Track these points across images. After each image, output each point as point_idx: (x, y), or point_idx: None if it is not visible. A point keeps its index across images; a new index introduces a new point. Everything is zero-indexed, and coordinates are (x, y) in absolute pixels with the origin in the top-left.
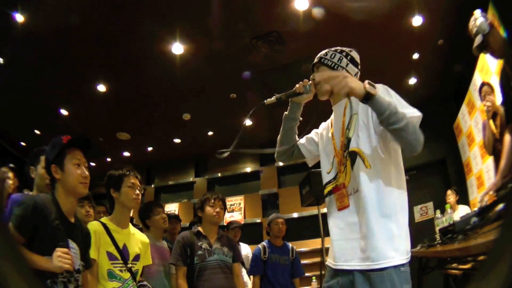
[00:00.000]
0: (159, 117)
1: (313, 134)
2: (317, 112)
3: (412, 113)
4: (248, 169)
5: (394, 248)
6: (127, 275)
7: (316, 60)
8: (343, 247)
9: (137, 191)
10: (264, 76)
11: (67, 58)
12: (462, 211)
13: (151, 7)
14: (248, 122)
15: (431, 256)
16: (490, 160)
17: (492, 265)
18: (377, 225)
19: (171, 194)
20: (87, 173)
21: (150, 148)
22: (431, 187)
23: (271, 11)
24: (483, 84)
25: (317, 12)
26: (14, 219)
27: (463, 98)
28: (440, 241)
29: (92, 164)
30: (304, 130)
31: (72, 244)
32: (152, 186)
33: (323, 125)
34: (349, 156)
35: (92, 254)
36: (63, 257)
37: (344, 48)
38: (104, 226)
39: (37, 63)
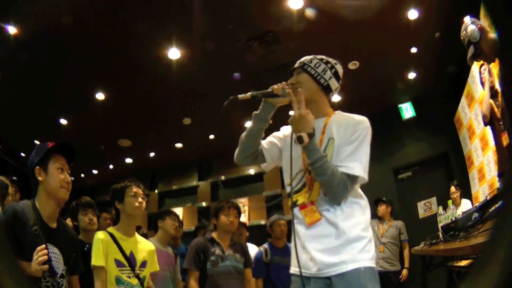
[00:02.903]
0: (160, 123)
1: (275, 138)
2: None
3: (351, 170)
4: (252, 171)
5: (366, 252)
6: (134, 281)
7: (297, 64)
8: (318, 256)
9: (140, 199)
10: (262, 76)
11: (64, 68)
12: (465, 205)
13: (146, 13)
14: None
15: (434, 255)
16: (490, 152)
17: (483, 266)
18: (352, 234)
19: (175, 199)
20: (69, 179)
21: (152, 154)
22: (434, 182)
23: (265, 12)
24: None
25: (312, 11)
26: None
27: (462, 90)
28: (442, 239)
29: (95, 171)
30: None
31: (52, 248)
32: (156, 191)
33: (286, 130)
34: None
35: (100, 261)
36: (39, 253)
37: (330, 60)
38: (111, 235)
39: (34, 73)
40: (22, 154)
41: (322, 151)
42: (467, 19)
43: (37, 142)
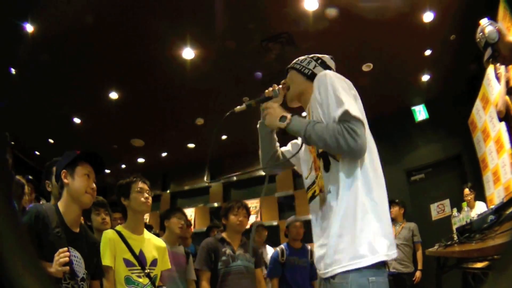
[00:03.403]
0: (173, 123)
1: (297, 140)
2: None
3: (342, 111)
4: (262, 173)
5: (355, 249)
6: (145, 280)
7: (289, 66)
8: (320, 254)
9: (146, 195)
10: (276, 77)
11: (78, 67)
12: (479, 208)
13: (161, 13)
14: (223, 136)
15: (449, 256)
16: (505, 155)
17: (505, 267)
18: (339, 228)
19: (187, 199)
20: (94, 186)
21: (164, 154)
22: (447, 184)
23: (280, 12)
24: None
25: (328, 12)
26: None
27: (477, 92)
28: (457, 240)
29: (107, 171)
30: None
31: (74, 252)
32: (168, 191)
33: None
34: (320, 158)
35: (108, 261)
36: (60, 254)
37: (319, 55)
38: (119, 233)
39: (49, 72)
40: (37, 153)
41: (306, 120)
42: (484, 20)
43: (51, 140)
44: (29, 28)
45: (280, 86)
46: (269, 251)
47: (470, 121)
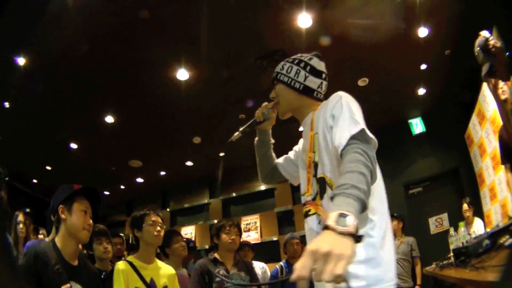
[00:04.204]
0: (170, 142)
1: (292, 152)
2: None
3: (358, 130)
4: (263, 187)
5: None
6: None
7: (273, 75)
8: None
9: (158, 228)
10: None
11: (73, 93)
12: (477, 225)
13: (154, 35)
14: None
15: (445, 280)
16: (502, 172)
17: None
18: None
19: (187, 217)
20: (91, 222)
21: (163, 173)
22: (445, 198)
23: (274, 30)
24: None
25: (321, 29)
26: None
27: (473, 107)
28: (453, 262)
29: (106, 193)
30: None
31: (75, 286)
32: (168, 210)
33: (301, 141)
34: (317, 183)
35: None
36: None
37: (302, 57)
38: (131, 264)
39: (43, 100)
40: (34, 181)
41: (346, 198)
42: (484, 33)
43: (48, 167)
44: (21, 61)
45: (268, 105)
46: (257, 265)
47: (466, 135)
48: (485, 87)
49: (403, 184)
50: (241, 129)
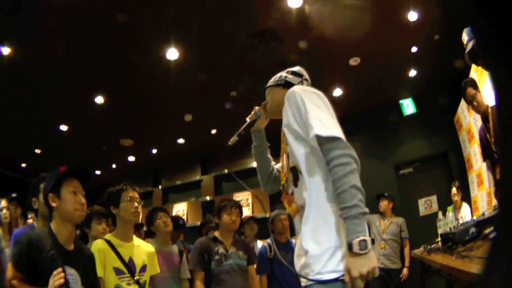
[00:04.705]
0: (161, 121)
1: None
2: None
3: (321, 134)
4: (255, 164)
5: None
6: (135, 287)
7: (264, 89)
8: (296, 263)
9: (136, 204)
10: (264, 73)
11: (61, 75)
12: (464, 210)
13: (143, 13)
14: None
15: (431, 264)
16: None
17: None
18: (308, 242)
19: (179, 194)
20: (83, 200)
21: (154, 151)
22: (435, 180)
23: (265, 9)
24: (465, 84)
25: (312, 8)
26: (12, 258)
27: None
28: (440, 247)
29: (98, 172)
30: None
31: (70, 270)
32: (160, 187)
33: None
34: (290, 172)
35: (98, 272)
36: (55, 277)
37: (288, 69)
38: (108, 242)
39: (31, 84)
40: (23, 165)
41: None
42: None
43: (37, 151)
44: (6, 50)
45: (259, 107)
46: (259, 245)
47: (455, 119)
48: (472, 74)
49: (393, 164)
50: (237, 132)
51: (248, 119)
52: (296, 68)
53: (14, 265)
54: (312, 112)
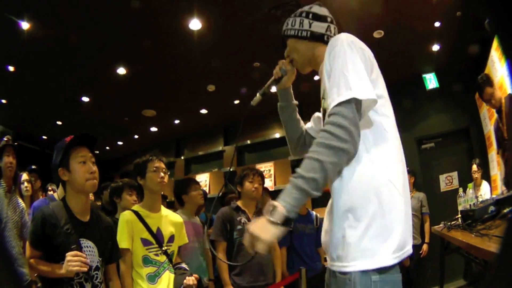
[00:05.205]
0: (183, 91)
1: (316, 114)
2: None
3: (329, 108)
4: (277, 135)
5: (361, 248)
6: (163, 258)
7: (282, 34)
8: (325, 239)
9: (162, 174)
10: (284, 45)
11: (83, 47)
12: (484, 188)
13: None
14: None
15: (451, 241)
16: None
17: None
18: (340, 217)
19: (201, 165)
20: (94, 168)
21: (177, 121)
22: (456, 156)
23: None
24: (483, 83)
25: None
26: (29, 236)
27: (483, 70)
28: (460, 224)
29: (120, 143)
30: None
31: (87, 242)
32: (182, 158)
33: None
34: None
35: (126, 244)
36: (72, 261)
37: (303, 8)
38: (136, 213)
39: (52, 57)
40: (44, 137)
41: (294, 185)
42: None
43: (59, 122)
44: (25, 25)
45: (284, 61)
46: None
47: (477, 96)
48: (493, 53)
49: (415, 138)
50: (260, 91)
51: (274, 75)
52: (317, 9)
53: (31, 243)
54: (338, 73)
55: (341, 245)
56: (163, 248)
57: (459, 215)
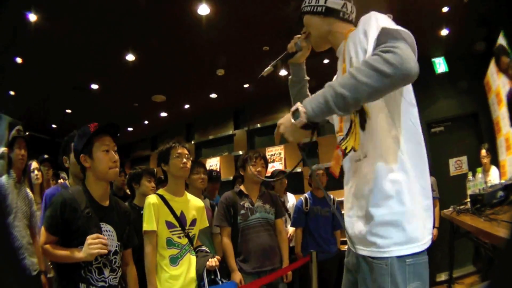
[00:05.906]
0: (193, 76)
1: None
2: None
3: (379, 31)
4: None
5: (398, 234)
6: (184, 240)
7: (299, 12)
8: (349, 226)
9: (184, 160)
10: (295, 27)
11: (91, 34)
12: (493, 174)
13: None
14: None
15: (460, 225)
16: None
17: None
18: (379, 203)
19: (211, 149)
20: (116, 157)
21: (187, 106)
22: (465, 141)
23: None
24: (499, 52)
25: None
26: (45, 221)
27: (491, 55)
28: (469, 208)
29: (130, 129)
30: None
31: (106, 227)
32: (192, 142)
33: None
34: (357, 113)
35: (152, 226)
36: (93, 243)
37: None
38: (161, 197)
39: (61, 44)
40: (54, 126)
41: (321, 94)
42: None
43: (68, 110)
44: (32, 17)
45: (300, 36)
46: (290, 198)
47: (485, 81)
48: (501, 40)
49: (425, 121)
50: (273, 62)
51: (288, 49)
52: None
53: (47, 228)
54: (386, 25)
55: (380, 232)
56: (186, 231)
57: (468, 199)
